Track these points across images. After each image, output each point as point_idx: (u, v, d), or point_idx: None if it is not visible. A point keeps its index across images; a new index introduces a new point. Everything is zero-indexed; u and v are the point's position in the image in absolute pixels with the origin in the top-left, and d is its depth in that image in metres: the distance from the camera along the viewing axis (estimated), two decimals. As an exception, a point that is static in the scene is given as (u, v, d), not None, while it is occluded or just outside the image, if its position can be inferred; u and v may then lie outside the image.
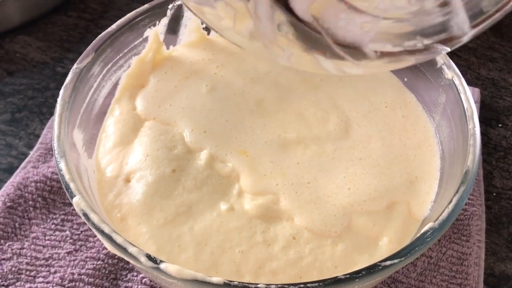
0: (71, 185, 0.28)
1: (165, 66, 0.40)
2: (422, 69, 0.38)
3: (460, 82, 0.34)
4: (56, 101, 0.46)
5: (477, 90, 0.50)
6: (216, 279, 0.25)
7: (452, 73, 0.35)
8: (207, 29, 0.42)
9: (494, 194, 0.45)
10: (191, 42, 0.42)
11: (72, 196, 0.28)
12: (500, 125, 0.49)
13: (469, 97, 0.33)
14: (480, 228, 0.41)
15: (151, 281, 0.38)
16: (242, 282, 0.25)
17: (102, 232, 0.27)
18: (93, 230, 0.27)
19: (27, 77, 0.53)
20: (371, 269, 0.26)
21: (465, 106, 0.33)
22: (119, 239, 0.26)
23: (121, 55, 0.37)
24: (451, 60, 0.35)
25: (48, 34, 0.57)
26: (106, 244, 0.27)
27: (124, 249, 0.26)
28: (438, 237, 0.28)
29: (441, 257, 0.40)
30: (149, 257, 0.26)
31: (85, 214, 0.28)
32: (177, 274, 0.26)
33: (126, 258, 0.26)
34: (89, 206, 0.28)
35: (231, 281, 0.25)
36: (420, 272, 0.39)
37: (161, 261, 0.26)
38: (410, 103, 0.39)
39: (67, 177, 0.29)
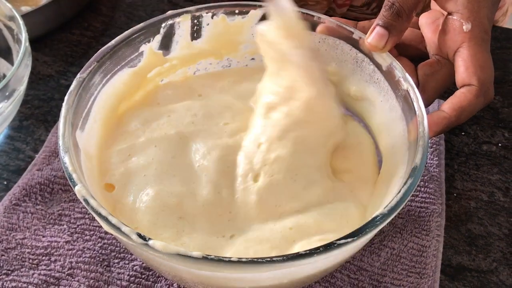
0: (74, 175, 0.33)
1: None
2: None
3: (413, 92, 0.39)
4: (59, 110, 0.51)
5: (442, 101, 0.55)
6: (195, 253, 0.30)
7: (407, 84, 0.40)
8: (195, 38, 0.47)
9: (455, 194, 0.49)
10: None
11: (74, 185, 0.33)
12: (463, 133, 0.54)
13: (421, 105, 0.38)
14: (439, 225, 0.46)
15: (141, 268, 0.43)
16: (218, 256, 0.30)
17: (99, 214, 0.31)
18: (92, 213, 0.32)
19: (34, 88, 0.58)
20: (328, 247, 0.31)
21: (417, 112, 0.38)
22: (114, 220, 0.31)
23: (119, 67, 0.42)
24: (407, 73, 0.40)
25: (53, 50, 0.63)
26: (103, 224, 0.32)
27: (118, 229, 0.31)
28: (387, 222, 0.32)
29: (403, 248, 0.44)
30: (139, 235, 0.31)
31: (85, 200, 0.32)
32: (162, 249, 0.30)
33: (120, 236, 0.31)
34: (88, 193, 0.32)
35: (208, 255, 0.30)
36: (383, 262, 0.43)
37: (149, 238, 0.31)
38: None
39: (70, 168, 0.33)
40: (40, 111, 0.56)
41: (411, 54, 0.47)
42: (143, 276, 0.42)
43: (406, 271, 0.43)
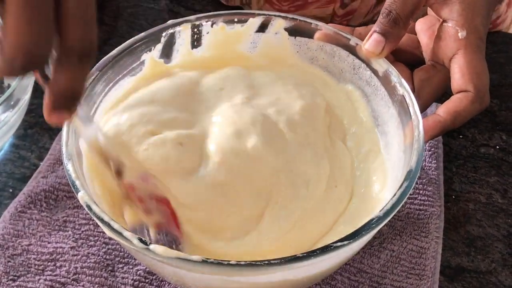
0: (77, 182, 0.34)
1: None
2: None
3: (409, 97, 0.40)
4: (63, 118, 0.51)
5: (440, 105, 0.56)
6: (195, 257, 0.31)
7: (403, 89, 0.40)
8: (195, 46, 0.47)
9: (454, 197, 0.50)
10: None
11: (77, 192, 0.34)
12: (461, 136, 0.55)
13: (416, 109, 0.39)
14: (438, 226, 0.47)
15: (145, 272, 0.43)
16: (217, 259, 0.31)
17: (102, 220, 0.32)
18: (95, 218, 0.33)
19: (38, 97, 0.59)
20: (325, 249, 0.31)
21: (413, 117, 0.39)
22: (116, 226, 0.32)
23: (120, 76, 0.43)
24: (402, 79, 0.41)
25: (57, 59, 0.64)
26: (105, 230, 0.32)
27: (120, 234, 0.32)
28: (383, 224, 0.33)
29: (402, 250, 0.45)
30: (140, 239, 0.31)
31: (88, 206, 0.33)
32: (163, 253, 0.31)
33: (122, 241, 0.32)
34: (91, 199, 0.33)
35: (208, 258, 0.31)
36: (383, 264, 0.44)
37: (150, 243, 0.31)
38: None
39: (73, 175, 0.34)
40: (44, 120, 0.56)
41: (408, 59, 0.48)
42: (146, 281, 0.43)
43: (405, 272, 0.44)
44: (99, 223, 0.33)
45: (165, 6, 0.71)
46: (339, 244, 0.32)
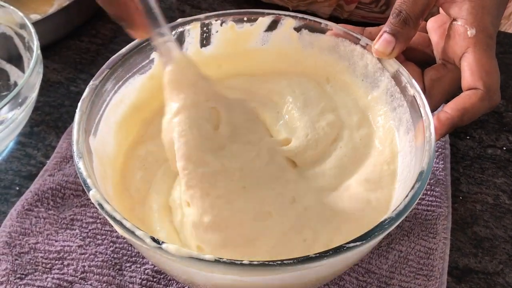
0: (88, 181, 0.34)
1: None
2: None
3: (420, 97, 0.40)
4: (70, 117, 0.51)
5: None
6: (208, 256, 0.30)
7: (414, 90, 0.40)
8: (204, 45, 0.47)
9: (461, 197, 0.50)
10: None
11: (89, 190, 0.34)
12: (468, 137, 0.55)
13: (427, 110, 0.39)
14: (446, 227, 0.47)
15: (153, 271, 0.43)
16: (230, 259, 0.31)
17: (114, 218, 0.32)
18: (107, 217, 0.33)
19: (44, 95, 0.59)
20: (337, 250, 0.31)
21: (424, 117, 0.39)
22: (128, 224, 0.32)
23: (130, 74, 0.43)
24: (413, 79, 0.41)
25: (63, 57, 0.63)
26: (117, 228, 0.32)
27: (132, 232, 0.32)
28: (395, 225, 0.33)
29: (410, 251, 0.45)
30: (153, 238, 0.31)
31: (99, 204, 0.33)
32: (176, 252, 0.31)
33: (134, 240, 0.32)
34: (103, 198, 0.33)
35: (221, 258, 0.31)
36: (391, 264, 0.44)
37: (163, 242, 0.31)
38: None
39: (84, 174, 0.34)
40: (50, 118, 0.57)
41: (418, 58, 0.48)
42: (154, 280, 0.43)
43: (413, 273, 0.44)
44: (111, 222, 0.33)
45: (171, 4, 0.71)
46: (351, 245, 0.31)
